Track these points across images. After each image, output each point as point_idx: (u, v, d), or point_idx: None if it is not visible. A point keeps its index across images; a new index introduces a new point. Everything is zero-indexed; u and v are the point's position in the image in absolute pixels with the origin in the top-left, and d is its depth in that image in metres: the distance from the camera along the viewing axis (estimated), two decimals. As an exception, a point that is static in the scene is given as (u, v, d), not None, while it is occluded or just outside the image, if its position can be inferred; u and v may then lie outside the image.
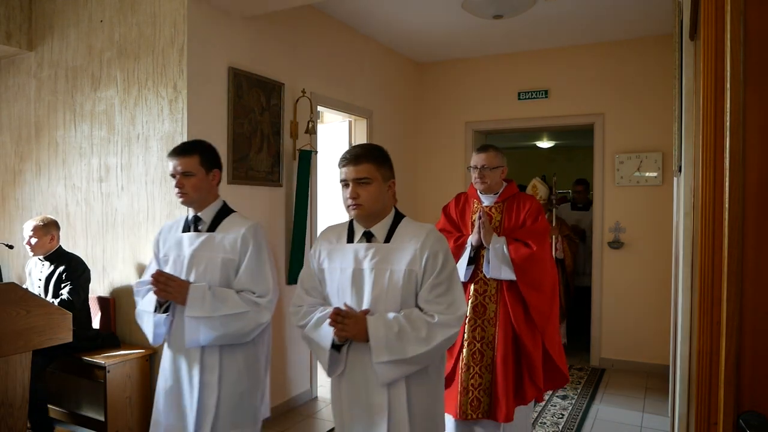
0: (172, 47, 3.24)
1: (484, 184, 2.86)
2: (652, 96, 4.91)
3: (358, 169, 1.83)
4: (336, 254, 1.93)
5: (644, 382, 4.72)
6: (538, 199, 5.26)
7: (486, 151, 2.86)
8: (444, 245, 1.86)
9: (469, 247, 2.83)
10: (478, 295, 2.86)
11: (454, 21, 4.55)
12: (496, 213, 2.92)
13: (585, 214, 5.84)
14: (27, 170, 3.95)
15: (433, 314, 1.80)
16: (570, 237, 5.30)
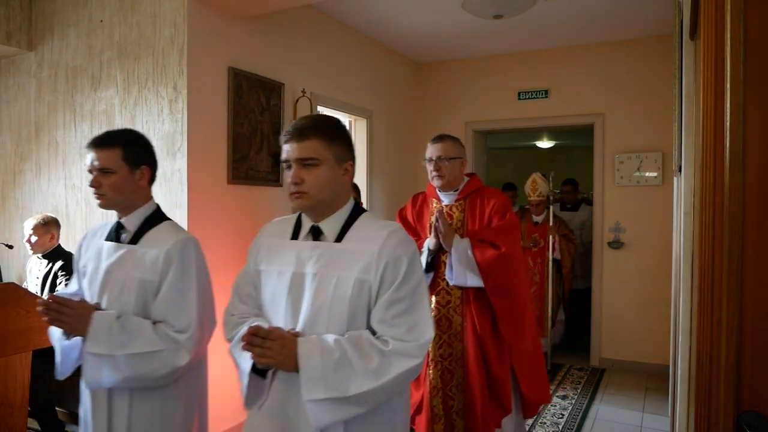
0: (172, 47, 3.24)
1: (441, 178, 2.55)
2: (652, 96, 4.91)
3: (302, 146, 1.44)
4: (276, 253, 1.56)
5: (644, 382, 4.72)
6: (537, 195, 5.12)
7: (442, 140, 2.57)
8: (409, 250, 1.48)
9: (426, 252, 2.52)
10: (440, 308, 2.54)
11: (454, 21, 4.55)
12: (458, 212, 2.62)
13: (574, 215, 5.79)
14: (27, 170, 3.95)
15: (388, 339, 1.41)
16: (568, 237, 5.23)
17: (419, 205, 2.75)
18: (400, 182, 5.64)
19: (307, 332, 1.44)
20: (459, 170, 2.61)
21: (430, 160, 2.56)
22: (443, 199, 2.64)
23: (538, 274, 5.09)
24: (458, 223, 2.60)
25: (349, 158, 1.53)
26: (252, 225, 3.49)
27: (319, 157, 1.45)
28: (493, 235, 2.48)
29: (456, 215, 2.62)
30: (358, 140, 5.05)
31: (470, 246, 2.46)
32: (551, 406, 4.17)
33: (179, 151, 3.22)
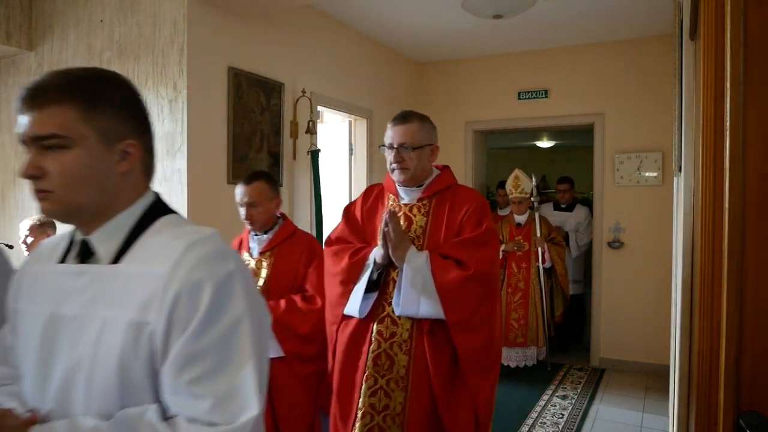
0: (172, 47, 3.24)
1: (404, 171, 1.97)
2: (652, 96, 4.91)
3: (41, 116, 0.91)
4: (37, 285, 1.00)
5: (644, 382, 4.72)
6: (519, 193, 4.88)
7: (406, 121, 2.00)
8: (219, 272, 0.90)
9: (371, 267, 1.93)
10: (382, 341, 1.90)
11: (454, 21, 4.55)
12: (419, 214, 2.00)
13: (569, 216, 5.50)
14: (27, 170, 3.95)
15: (180, 424, 0.85)
16: (555, 240, 4.94)
17: (372, 200, 2.12)
18: (400, 182, 5.65)
19: (58, 413, 0.91)
20: (428, 161, 2.02)
21: (391, 148, 1.99)
22: (403, 196, 2.03)
23: (523, 280, 4.80)
24: (418, 230, 1.97)
25: (126, 136, 0.96)
26: (252, 225, 3.49)
27: (65, 132, 0.90)
28: (461, 250, 1.88)
29: (417, 219, 1.99)
30: (358, 140, 5.05)
31: (429, 262, 1.85)
32: (551, 406, 4.18)
33: (179, 151, 3.22)
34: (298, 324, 2.29)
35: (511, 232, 4.93)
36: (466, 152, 5.74)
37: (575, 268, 5.40)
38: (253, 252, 2.51)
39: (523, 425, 3.83)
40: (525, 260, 4.82)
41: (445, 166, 2.15)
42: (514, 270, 4.84)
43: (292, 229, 2.55)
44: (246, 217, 2.41)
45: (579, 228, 5.41)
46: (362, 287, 1.93)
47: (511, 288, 4.82)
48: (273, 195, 2.47)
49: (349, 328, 1.98)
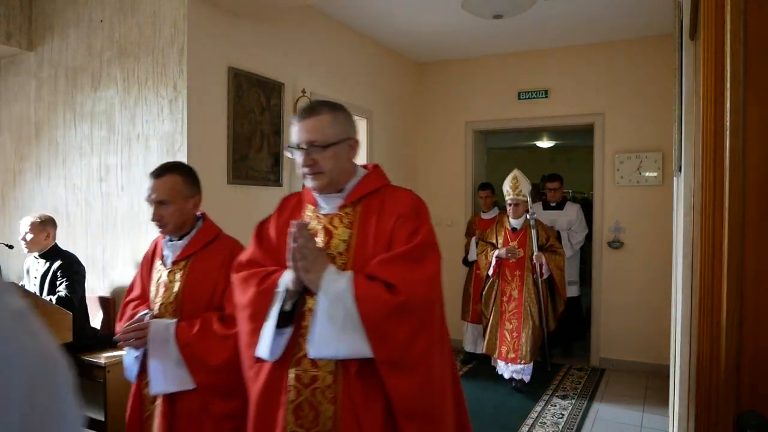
0: (172, 47, 3.24)
1: (318, 177, 1.59)
2: (652, 96, 4.91)
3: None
4: None
5: (644, 382, 4.72)
6: (517, 194, 4.46)
7: (314, 113, 1.60)
8: None
9: (283, 296, 1.56)
10: (302, 388, 1.54)
11: (453, 21, 4.55)
12: (341, 225, 1.62)
13: (560, 214, 5.27)
14: (27, 170, 3.95)
15: None
16: (554, 248, 4.50)
17: (290, 213, 1.74)
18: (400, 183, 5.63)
19: None
20: (347, 160, 1.65)
21: (298, 149, 1.59)
22: (322, 205, 1.66)
23: (516, 289, 4.42)
24: (341, 246, 1.60)
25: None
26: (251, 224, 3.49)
27: None
28: (391, 269, 1.50)
29: (338, 232, 1.62)
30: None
31: (352, 287, 1.48)
32: (551, 406, 4.17)
33: (179, 151, 3.22)
34: (211, 351, 1.91)
35: (506, 237, 4.53)
36: (466, 152, 5.74)
37: (570, 269, 5.09)
38: (166, 261, 2.09)
39: (523, 425, 3.83)
40: (519, 267, 4.42)
41: (375, 165, 1.79)
42: (507, 278, 4.46)
43: (213, 233, 2.15)
44: (154, 217, 2.02)
45: (571, 226, 5.22)
46: (272, 323, 1.53)
47: (505, 297, 4.45)
48: (190, 192, 2.09)
49: (263, 374, 1.59)
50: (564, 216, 5.29)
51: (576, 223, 5.25)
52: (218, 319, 1.97)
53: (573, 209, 5.34)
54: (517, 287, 4.44)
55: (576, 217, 5.26)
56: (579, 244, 5.28)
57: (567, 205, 5.42)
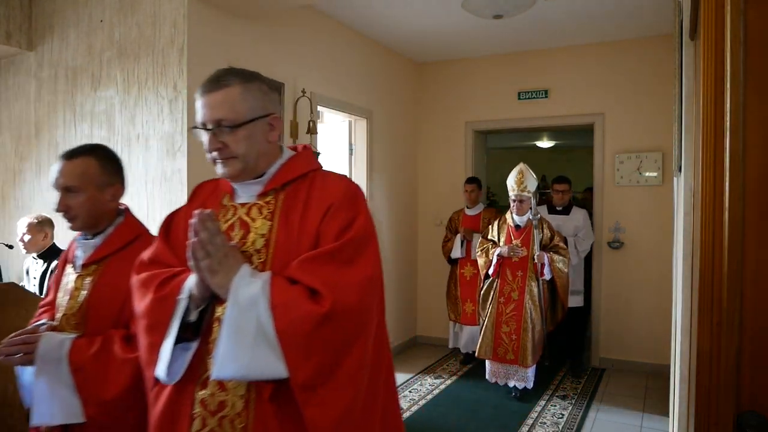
0: (172, 47, 3.24)
1: (228, 163, 1.32)
2: (652, 96, 4.91)
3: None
4: None
5: (644, 382, 4.72)
6: (521, 190, 4.28)
7: (221, 85, 1.31)
8: None
9: (186, 303, 1.29)
10: (207, 416, 1.26)
11: (454, 21, 4.55)
12: (260, 218, 1.35)
13: (566, 219, 4.95)
14: (27, 170, 3.95)
15: None
16: (558, 249, 4.30)
17: (201, 203, 1.45)
18: (400, 182, 5.64)
19: None
20: (266, 140, 1.36)
21: (203, 129, 1.32)
22: (239, 193, 1.40)
23: (517, 290, 4.23)
24: (259, 242, 1.32)
25: None
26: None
27: None
28: (315, 271, 1.22)
29: (256, 225, 1.34)
30: (358, 140, 5.05)
31: (269, 292, 1.20)
32: (551, 406, 4.17)
33: (179, 151, 3.22)
34: (106, 378, 1.54)
35: (509, 235, 4.35)
36: (466, 152, 5.74)
37: (575, 277, 4.84)
38: (76, 263, 1.74)
39: (523, 425, 3.83)
40: (521, 267, 4.25)
41: (305, 146, 1.50)
42: (508, 278, 4.28)
43: (133, 232, 1.81)
44: (59, 207, 1.70)
45: (578, 233, 4.93)
46: (171, 337, 1.26)
47: (503, 298, 4.26)
48: (107, 180, 1.78)
49: (163, 398, 1.31)
50: (570, 221, 4.95)
51: (583, 230, 4.94)
52: (122, 337, 1.58)
53: (580, 214, 5.00)
54: (518, 288, 4.24)
55: (583, 223, 4.94)
56: (585, 252, 4.97)
57: (573, 210, 5.07)
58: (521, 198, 4.29)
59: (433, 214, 5.87)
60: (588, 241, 4.98)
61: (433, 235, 5.77)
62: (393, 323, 5.51)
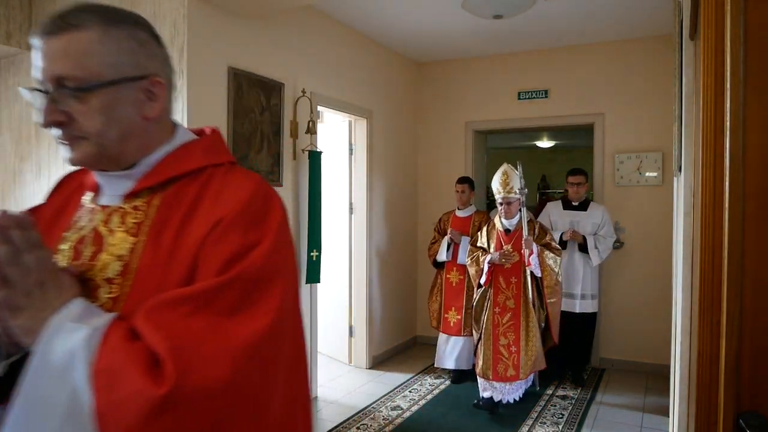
0: (172, 47, 3.24)
1: (75, 144, 0.87)
2: (652, 96, 4.91)
3: None
4: None
5: (644, 382, 4.72)
6: (508, 192, 4.03)
7: (67, 27, 0.84)
8: None
9: None
10: None
11: (453, 21, 4.55)
12: (120, 229, 0.90)
13: (584, 216, 4.67)
14: (27, 170, 3.95)
15: None
16: (549, 245, 4.04)
17: (66, 198, 1.03)
18: (400, 182, 5.64)
19: None
20: (133, 114, 0.91)
21: (40, 91, 0.87)
22: (104, 190, 0.96)
23: (512, 298, 3.98)
24: (114, 266, 0.87)
25: None
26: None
27: None
28: (167, 324, 0.77)
29: (114, 240, 0.90)
30: (358, 140, 5.05)
31: (95, 351, 0.75)
32: (551, 406, 4.17)
33: (179, 151, 3.22)
34: None
35: (498, 241, 4.05)
36: (466, 152, 5.74)
37: (591, 280, 4.60)
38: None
39: (524, 425, 3.83)
40: (515, 273, 3.97)
41: (213, 130, 1.17)
42: (501, 286, 3.98)
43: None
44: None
45: (597, 230, 4.61)
46: None
47: (498, 308, 3.98)
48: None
49: None
50: (588, 218, 4.64)
51: (604, 227, 4.60)
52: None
53: (599, 210, 4.67)
54: (513, 296, 3.96)
55: (601, 220, 4.61)
56: (608, 252, 4.61)
57: (591, 205, 4.73)
58: (509, 200, 4.03)
59: (433, 215, 5.87)
60: (610, 239, 4.62)
61: (433, 235, 5.78)
62: (393, 323, 5.50)
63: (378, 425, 3.80)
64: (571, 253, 4.64)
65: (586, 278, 4.64)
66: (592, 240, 4.57)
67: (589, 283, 4.65)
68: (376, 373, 4.94)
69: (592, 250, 4.55)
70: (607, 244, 4.61)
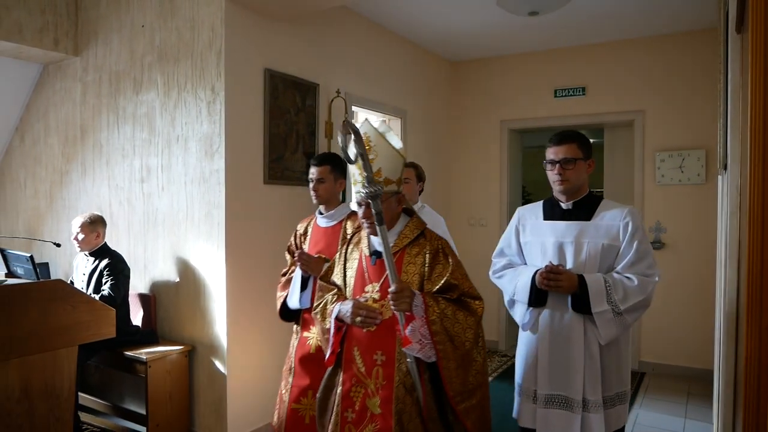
0: (210, 50, 3.31)
1: None
2: (694, 92, 4.76)
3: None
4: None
5: (686, 387, 4.58)
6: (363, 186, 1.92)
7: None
8: None
9: None
10: None
11: (488, 19, 4.51)
12: None
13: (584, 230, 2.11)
14: (73, 171, 4.10)
15: None
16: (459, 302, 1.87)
17: None
18: (434, 181, 5.62)
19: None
20: None
21: None
22: None
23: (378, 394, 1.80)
24: None
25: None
26: (287, 224, 3.54)
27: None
28: None
29: None
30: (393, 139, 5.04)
31: None
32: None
33: (217, 152, 3.29)
34: None
35: (360, 274, 2.09)
36: (501, 151, 5.67)
37: (603, 370, 2.19)
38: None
39: (560, 428, 3.76)
40: (383, 344, 1.98)
41: None
42: (357, 367, 2.01)
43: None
44: None
45: (616, 259, 2.19)
46: None
47: (351, 411, 2.00)
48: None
49: None
50: (595, 233, 2.23)
51: (628, 249, 2.16)
52: None
53: (618, 214, 2.21)
54: (378, 389, 1.95)
55: (624, 235, 2.17)
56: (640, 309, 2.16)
57: (603, 207, 2.25)
58: (358, 201, 2.00)
59: (467, 214, 5.83)
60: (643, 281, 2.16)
61: (467, 235, 5.73)
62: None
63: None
64: (557, 315, 2.22)
65: (591, 368, 2.16)
66: (602, 283, 2.11)
67: (596, 375, 2.17)
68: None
69: (600, 310, 2.10)
70: (640, 288, 2.11)
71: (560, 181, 2.24)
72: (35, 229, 4.34)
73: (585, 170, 2.27)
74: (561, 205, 2.31)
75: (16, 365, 2.36)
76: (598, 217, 2.24)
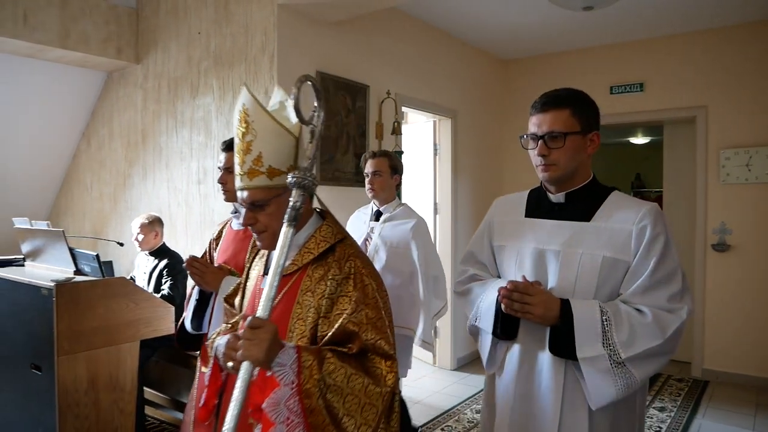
0: (263, 54, 3.39)
1: None
2: (762, 85, 4.50)
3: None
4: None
5: (755, 397, 4.33)
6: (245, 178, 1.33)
7: None
8: None
9: None
10: None
11: (540, 15, 4.41)
12: None
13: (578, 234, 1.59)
14: (135, 174, 4.28)
15: None
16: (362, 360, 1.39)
17: None
18: (486, 183, 5.55)
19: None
20: None
21: None
22: None
23: None
24: None
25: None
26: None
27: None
28: None
29: None
30: (443, 140, 5.02)
31: None
32: (647, 418, 3.93)
33: (270, 153, 3.35)
34: None
35: (253, 299, 1.51)
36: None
37: None
38: None
39: (617, 436, 3.63)
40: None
41: None
42: None
43: None
44: None
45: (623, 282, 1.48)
46: None
47: None
48: None
49: None
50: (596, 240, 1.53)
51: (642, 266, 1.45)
52: None
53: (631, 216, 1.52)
54: None
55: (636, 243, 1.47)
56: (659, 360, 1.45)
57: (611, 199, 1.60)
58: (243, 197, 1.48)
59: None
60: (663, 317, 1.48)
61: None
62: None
63: (463, 427, 3.75)
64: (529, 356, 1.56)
65: None
66: (596, 314, 1.42)
67: None
68: (461, 374, 4.89)
69: (589, 355, 1.41)
70: (655, 327, 1.41)
71: (544, 165, 1.56)
72: (100, 230, 4.56)
73: (584, 149, 1.59)
74: (549, 197, 1.63)
75: (84, 358, 2.48)
76: (602, 216, 1.52)
